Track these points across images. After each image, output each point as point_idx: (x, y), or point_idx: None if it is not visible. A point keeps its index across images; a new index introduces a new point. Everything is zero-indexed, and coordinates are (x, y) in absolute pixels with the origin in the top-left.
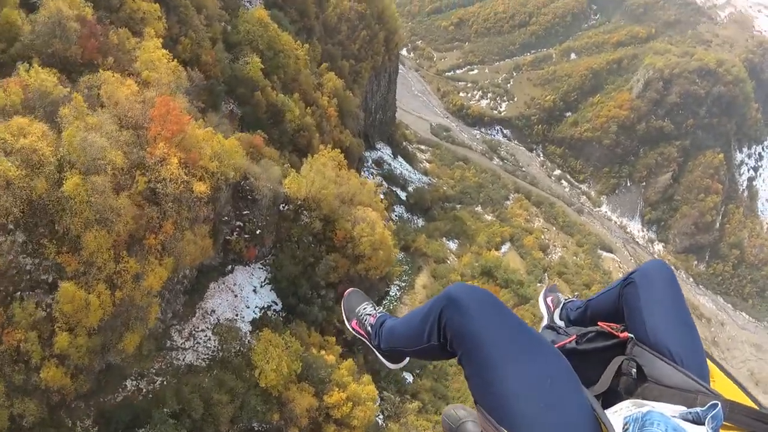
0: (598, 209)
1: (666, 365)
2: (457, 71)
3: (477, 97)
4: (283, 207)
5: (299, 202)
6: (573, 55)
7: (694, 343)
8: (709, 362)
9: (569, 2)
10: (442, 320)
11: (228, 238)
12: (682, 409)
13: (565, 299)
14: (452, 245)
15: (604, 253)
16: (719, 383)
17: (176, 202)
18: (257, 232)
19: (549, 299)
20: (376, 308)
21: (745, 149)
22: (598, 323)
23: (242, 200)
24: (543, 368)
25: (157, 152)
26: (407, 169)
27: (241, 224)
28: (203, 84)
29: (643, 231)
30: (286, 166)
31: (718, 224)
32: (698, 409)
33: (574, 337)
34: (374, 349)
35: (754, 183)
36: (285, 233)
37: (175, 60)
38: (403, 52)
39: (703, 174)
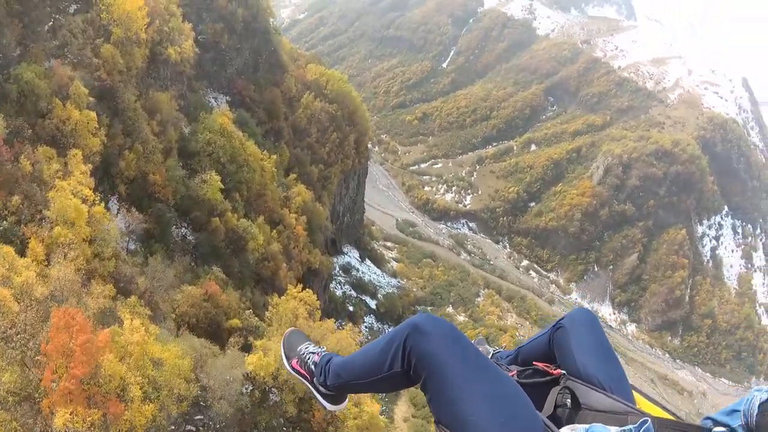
0: (568, 297)
1: (597, 392)
2: (422, 165)
3: (442, 191)
4: (246, 389)
5: (265, 381)
6: (533, 146)
7: (619, 374)
8: (634, 391)
9: (527, 96)
10: (407, 346)
11: None
12: (617, 428)
13: (494, 350)
14: None
15: None
16: (645, 407)
17: None
18: None
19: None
20: (320, 347)
21: (705, 221)
22: (534, 363)
23: (193, 406)
24: (500, 388)
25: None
26: (375, 273)
27: (193, 429)
28: (144, 220)
29: (614, 314)
30: (248, 311)
31: (687, 297)
32: (630, 426)
33: (515, 372)
34: (313, 389)
35: (717, 252)
36: (250, 421)
37: (102, 203)
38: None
39: (668, 251)
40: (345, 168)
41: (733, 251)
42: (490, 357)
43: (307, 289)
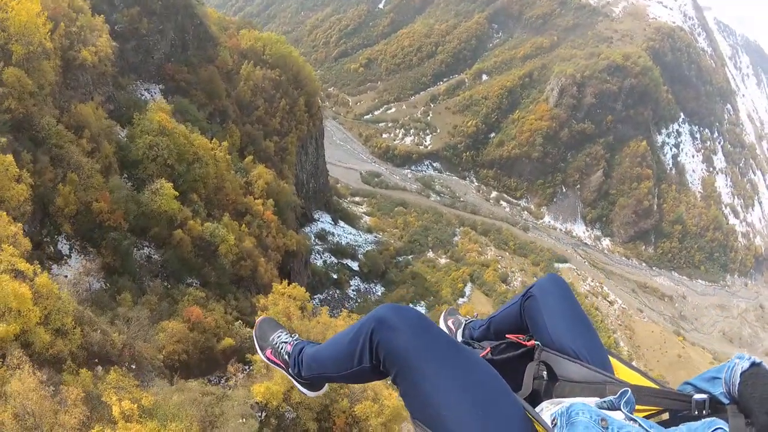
0: (541, 221)
1: (572, 363)
2: (375, 113)
3: (400, 135)
4: (260, 415)
5: (279, 407)
6: (485, 77)
7: (594, 342)
8: (611, 357)
9: (471, 26)
10: (373, 341)
11: None
12: (596, 399)
13: (466, 320)
14: (421, 310)
15: (560, 265)
16: (622, 374)
17: None
18: None
19: (450, 321)
20: (293, 335)
21: (663, 130)
22: (507, 335)
23: None
24: (475, 376)
25: None
26: (351, 233)
27: None
28: (100, 254)
29: (588, 231)
30: (237, 323)
31: (655, 206)
32: (610, 397)
33: (489, 349)
34: (292, 378)
35: (678, 159)
36: None
37: (45, 272)
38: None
39: (631, 164)
40: (301, 134)
41: (693, 156)
42: (462, 327)
43: (294, 284)
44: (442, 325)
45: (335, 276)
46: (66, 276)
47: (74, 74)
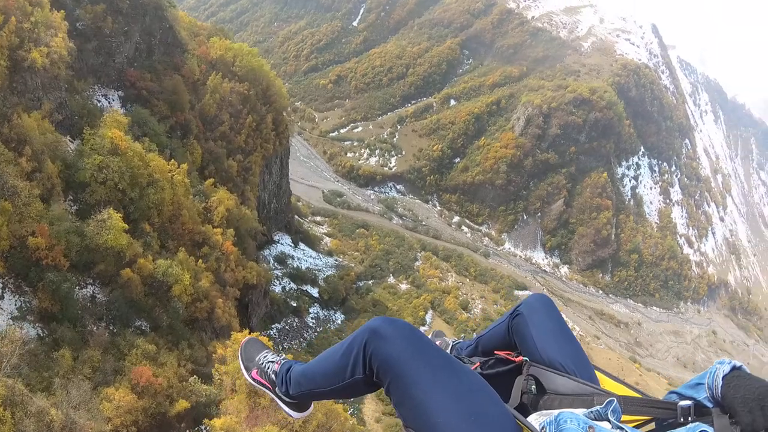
0: (501, 248)
1: (560, 377)
2: (341, 130)
3: (365, 155)
4: None
5: None
6: (453, 101)
7: (581, 356)
8: (597, 372)
9: (443, 50)
10: (366, 352)
11: None
12: (584, 410)
13: (453, 341)
14: None
15: (520, 293)
16: (608, 386)
17: None
18: None
19: (437, 343)
20: (279, 355)
21: (624, 162)
22: (495, 352)
23: None
24: (466, 385)
25: None
26: (311, 256)
27: None
28: (36, 296)
29: (547, 258)
30: (192, 378)
31: (613, 236)
32: (597, 407)
33: (478, 364)
34: (277, 399)
35: (637, 191)
36: None
37: None
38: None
39: (591, 194)
40: (266, 153)
41: (651, 188)
42: (449, 349)
43: (256, 334)
44: None
45: (294, 304)
46: None
47: (22, 77)
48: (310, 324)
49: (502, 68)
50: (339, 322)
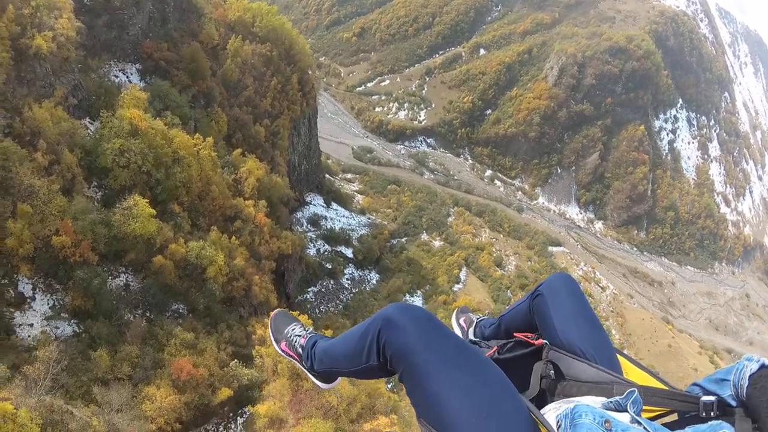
0: (535, 202)
1: (580, 363)
2: (368, 84)
3: (394, 109)
4: None
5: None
6: (482, 51)
7: (603, 341)
8: (620, 356)
9: None
10: (380, 340)
11: None
12: (603, 399)
13: (478, 318)
14: (418, 301)
15: (554, 249)
16: (631, 373)
17: None
18: None
19: (462, 320)
20: (306, 329)
21: (661, 115)
22: (515, 334)
23: None
24: (481, 377)
25: None
26: (344, 216)
27: None
28: (67, 294)
29: (581, 213)
30: (233, 362)
31: (650, 192)
32: (617, 398)
33: (496, 348)
34: (306, 371)
35: (674, 145)
36: None
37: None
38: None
39: (628, 148)
40: (293, 115)
41: (689, 143)
42: (473, 326)
43: (296, 312)
44: (454, 324)
45: (329, 266)
46: (31, 324)
47: (30, 65)
48: (346, 285)
49: (533, 15)
50: (374, 282)
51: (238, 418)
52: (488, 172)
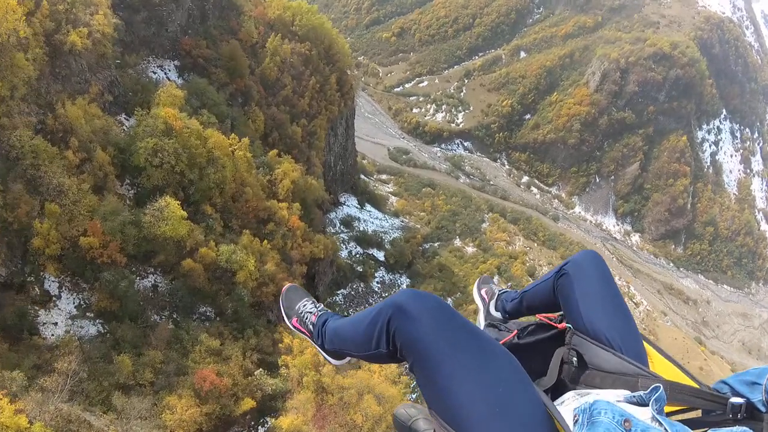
0: (571, 211)
1: (605, 351)
2: (406, 85)
3: (431, 111)
4: None
5: None
6: (523, 54)
7: (630, 329)
8: (646, 345)
9: None
10: (390, 329)
11: None
12: (626, 392)
13: (500, 290)
14: None
15: None
16: (658, 364)
17: None
18: None
19: (483, 291)
20: (317, 305)
21: (704, 126)
22: (537, 316)
23: None
24: (495, 371)
25: None
26: (378, 218)
27: None
28: (93, 294)
29: (618, 225)
30: (258, 371)
31: (689, 205)
32: (641, 392)
33: (516, 332)
34: (317, 347)
35: (717, 157)
36: None
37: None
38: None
39: (669, 158)
40: (331, 116)
41: (732, 156)
42: (495, 298)
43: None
44: (475, 294)
45: (360, 269)
46: (56, 323)
47: (65, 61)
48: (376, 289)
49: (576, 17)
50: (404, 286)
51: (260, 427)
52: (525, 179)
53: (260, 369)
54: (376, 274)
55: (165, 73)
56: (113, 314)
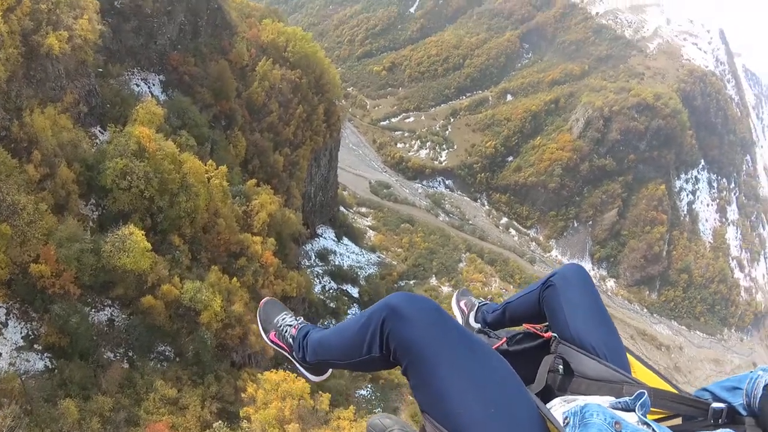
0: (548, 254)
1: (590, 359)
2: (393, 120)
3: (416, 147)
4: None
5: None
6: (509, 96)
7: (614, 339)
8: (629, 356)
9: (501, 42)
10: (384, 331)
11: None
12: (611, 399)
13: (479, 302)
14: None
15: None
16: (640, 374)
17: None
18: None
19: (462, 303)
20: (297, 318)
21: (683, 175)
22: (524, 325)
23: None
24: (489, 373)
25: None
26: (354, 252)
27: None
28: (41, 326)
29: (594, 269)
30: (217, 424)
31: (665, 253)
32: (626, 398)
33: (505, 339)
34: (296, 362)
35: (693, 206)
36: None
37: None
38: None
39: (647, 206)
40: (315, 146)
41: (708, 205)
42: (475, 310)
43: (292, 376)
44: (454, 306)
45: (333, 305)
46: (0, 354)
47: (41, 64)
48: None
49: (563, 65)
50: None
51: None
52: (504, 220)
53: (219, 421)
54: (349, 311)
55: (148, 87)
56: (62, 350)
